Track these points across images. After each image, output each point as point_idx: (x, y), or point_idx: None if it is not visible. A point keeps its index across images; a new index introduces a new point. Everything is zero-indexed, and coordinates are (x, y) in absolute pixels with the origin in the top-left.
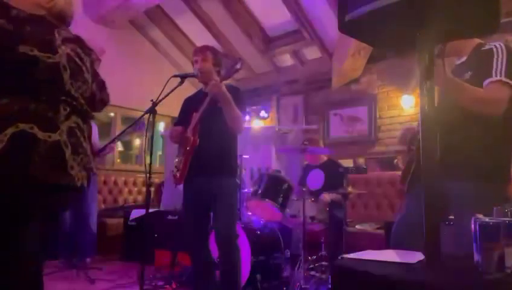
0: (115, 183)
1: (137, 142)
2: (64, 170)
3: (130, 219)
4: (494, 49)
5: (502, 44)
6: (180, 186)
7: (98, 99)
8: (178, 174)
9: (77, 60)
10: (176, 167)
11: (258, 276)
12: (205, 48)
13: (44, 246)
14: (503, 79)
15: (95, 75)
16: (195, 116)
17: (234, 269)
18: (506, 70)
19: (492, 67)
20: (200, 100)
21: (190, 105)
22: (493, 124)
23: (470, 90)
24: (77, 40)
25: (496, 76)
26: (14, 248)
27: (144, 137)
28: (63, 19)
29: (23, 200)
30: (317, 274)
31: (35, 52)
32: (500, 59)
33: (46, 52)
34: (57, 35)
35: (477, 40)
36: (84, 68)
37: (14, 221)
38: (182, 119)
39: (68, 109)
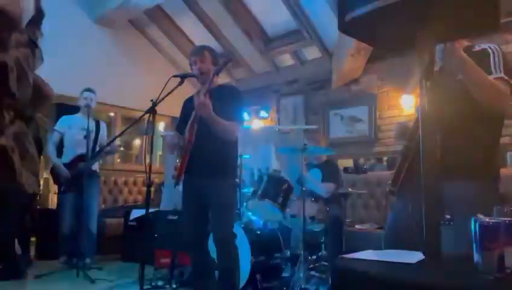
0: (115, 183)
1: (137, 142)
2: (14, 176)
3: (130, 219)
4: (489, 50)
5: (495, 46)
6: (180, 186)
7: (39, 96)
8: (176, 174)
9: (25, 64)
10: (174, 167)
11: (258, 276)
12: (202, 48)
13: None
14: (504, 76)
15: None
16: (192, 116)
17: (232, 269)
18: (503, 69)
19: (490, 65)
20: None
21: (190, 105)
22: (493, 124)
23: (489, 78)
24: (28, 43)
25: (497, 73)
26: None
27: (144, 137)
28: (21, 21)
29: None
30: (317, 274)
31: None
32: (496, 58)
33: None
34: (13, 36)
35: (465, 42)
36: (29, 73)
37: None
38: (182, 120)
39: (12, 114)
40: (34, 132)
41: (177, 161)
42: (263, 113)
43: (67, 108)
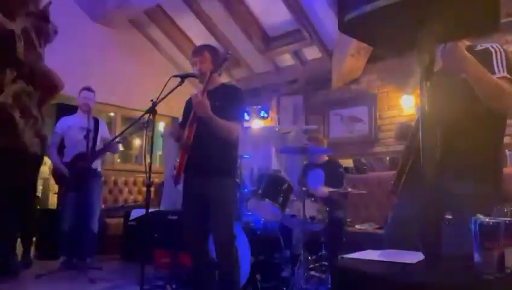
0: (115, 183)
1: (137, 142)
2: (16, 133)
3: (130, 218)
4: (491, 49)
5: (497, 45)
6: (180, 186)
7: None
8: (175, 174)
9: (33, 34)
10: (174, 167)
11: (258, 276)
12: (202, 48)
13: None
14: (508, 75)
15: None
16: (191, 115)
17: (232, 269)
18: (507, 68)
19: (493, 65)
20: None
21: (191, 105)
22: (495, 124)
23: (491, 77)
24: (40, 15)
25: (500, 73)
26: None
27: (144, 137)
28: None
29: None
30: (317, 274)
31: None
32: (499, 57)
33: (6, 17)
34: (23, 6)
35: (466, 42)
36: (36, 42)
37: None
38: (184, 119)
39: (15, 74)
40: (38, 95)
41: (177, 160)
42: (263, 113)
43: (67, 108)
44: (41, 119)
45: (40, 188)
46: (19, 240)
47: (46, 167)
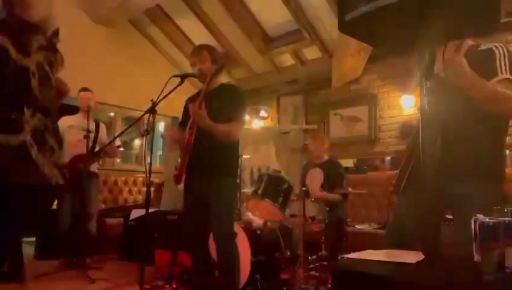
0: (115, 183)
1: (137, 142)
2: (36, 169)
3: (130, 218)
4: (495, 49)
5: (501, 45)
6: (181, 186)
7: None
8: (177, 174)
9: (47, 68)
10: (175, 167)
11: (258, 276)
12: (202, 48)
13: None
14: (511, 77)
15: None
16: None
17: (232, 269)
18: (510, 70)
19: (497, 66)
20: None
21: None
22: (493, 124)
23: (490, 87)
24: (51, 48)
25: (503, 74)
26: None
27: (144, 137)
28: (44, 27)
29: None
30: (317, 274)
31: (11, 49)
32: (502, 58)
33: (21, 53)
34: (34, 41)
35: (469, 42)
36: (51, 75)
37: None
38: (184, 120)
39: (32, 110)
40: (53, 125)
41: (178, 160)
42: (263, 113)
43: (67, 108)
44: (58, 149)
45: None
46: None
47: None
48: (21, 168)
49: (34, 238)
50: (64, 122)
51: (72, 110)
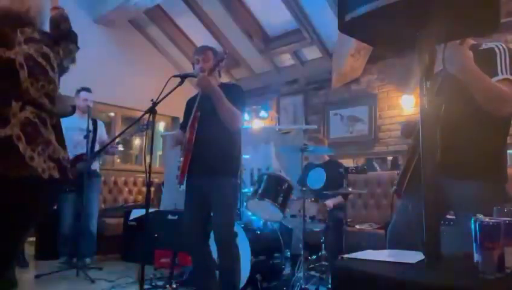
0: (115, 183)
1: (137, 142)
2: (22, 162)
3: (130, 218)
4: (496, 49)
5: (502, 44)
6: (182, 186)
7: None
8: (179, 174)
9: (41, 59)
10: (178, 167)
11: (258, 276)
12: (206, 48)
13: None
14: (510, 77)
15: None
16: (193, 115)
17: (233, 269)
18: (511, 69)
19: (497, 65)
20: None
21: (193, 104)
22: (493, 124)
23: (490, 82)
24: (46, 40)
25: (503, 74)
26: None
27: (144, 137)
28: (33, 19)
29: None
30: (317, 274)
31: None
32: (503, 58)
33: (1, 47)
34: (19, 33)
35: (470, 41)
36: (49, 67)
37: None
38: (186, 120)
39: (21, 103)
40: (52, 119)
41: (180, 160)
42: (263, 113)
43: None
44: (56, 142)
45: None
46: None
47: None
48: (3, 161)
49: (34, 238)
50: (62, 124)
51: (73, 110)
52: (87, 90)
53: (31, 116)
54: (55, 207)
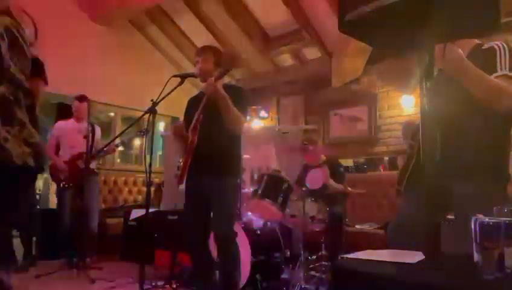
0: (115, 183)
1: (137, 142)
2: None
3: (130, 218)
4: (496, 47)
5: (503, 43)
6: (182, 186)
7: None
8: (179, 175)
9: (15, 31)
10: (177, 167)
11: (258, 276)
12: (207, 49)
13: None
14: (509, 73)
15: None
16: (195, 116)
17: (233, 269)
18: (510, 66)
19: (496, 63)
20: (201, 100)
21: (193, 105)
22: (493, 124)
23: (488, 79)
24: (11, 16)
25: (501, 70)
26: None
27: (144, 137)
28: None
29: None
30: (317, 274)
31: None
32: (503, 55)
33: None
34: None
35: (475, 41)
36: (21, 41)
37: None
38: (187, 120)
39: None
40: (26, 100)
41: (180, 160)
42: (263, 113)
43: (67, 108)
44: (30, 125)
45: (40, 187)
46: (18, 240)
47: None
48: None
49: (34, 238)
50: (60, 126)
51: (69, 109)
52: (80, 99)
53: (7, 93)
54: (56, 207)
